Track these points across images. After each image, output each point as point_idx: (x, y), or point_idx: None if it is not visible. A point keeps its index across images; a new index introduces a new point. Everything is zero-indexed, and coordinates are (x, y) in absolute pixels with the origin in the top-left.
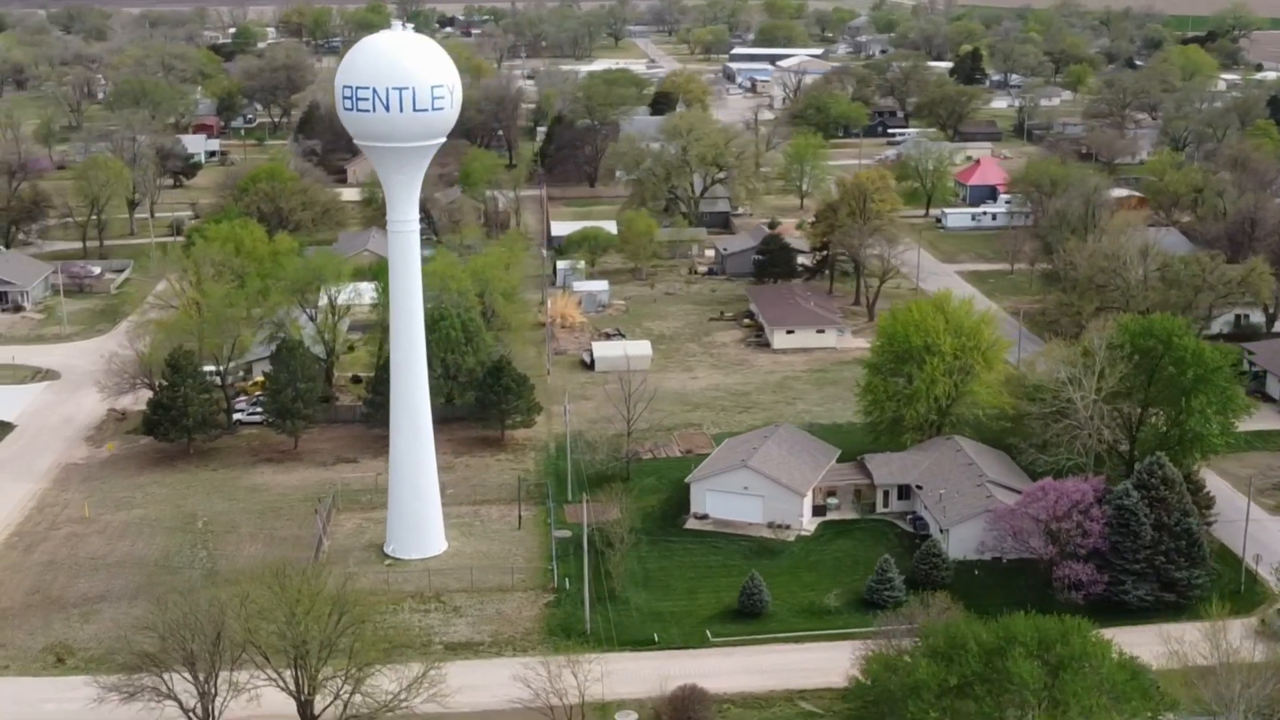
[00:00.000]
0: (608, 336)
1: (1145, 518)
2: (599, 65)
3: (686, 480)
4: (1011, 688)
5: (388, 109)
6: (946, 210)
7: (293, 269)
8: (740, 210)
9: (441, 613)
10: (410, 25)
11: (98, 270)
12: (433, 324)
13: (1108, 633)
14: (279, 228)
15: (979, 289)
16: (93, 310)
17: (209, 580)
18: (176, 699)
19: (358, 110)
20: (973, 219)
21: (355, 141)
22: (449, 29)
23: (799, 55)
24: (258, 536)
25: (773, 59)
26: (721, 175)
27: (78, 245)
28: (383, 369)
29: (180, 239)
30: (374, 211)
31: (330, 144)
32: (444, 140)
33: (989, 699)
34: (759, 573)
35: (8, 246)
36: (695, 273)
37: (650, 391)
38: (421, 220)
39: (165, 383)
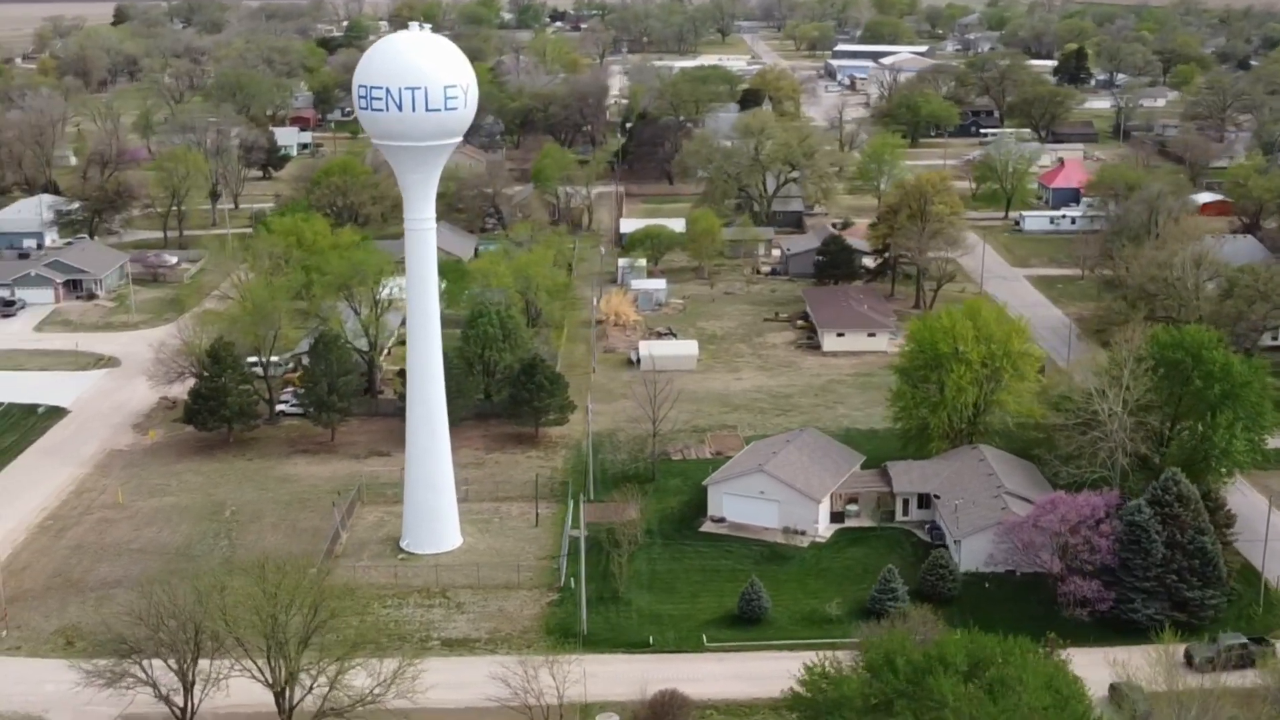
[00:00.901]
0: (659, 335)
1: (1157, 535)
2: (701, 61)
3: (704, 483)
4: (933, 706)
5: (400, 108)
6: (1025, 213)
7: (336, 263)
8: (816, 210)
9: (444, 608)
10: (429, 26)
11: (174, 260)
12: (471, 320)
13: (1113, 652)
14: (349, 221)
15: (1046, 295)
16: (163, 299)
17: (227, 570)
18: (155, 685)
19: (372, 109)
20: (1051, 222)
21: (372, 141)
22: (559, 23)
23: (902, 52)
24: (280, 527)
25: (875, 56)
26: (794, 174)
27: (159, 235)
28: None
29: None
30: (443, 207)
31: None
32: (459, 140)
33: (911, 717)
34: (768, 578)
35: (91, 235)
36: (759, 272)
37: (675, 392)
38: (492, 216)
39: (204, 373)
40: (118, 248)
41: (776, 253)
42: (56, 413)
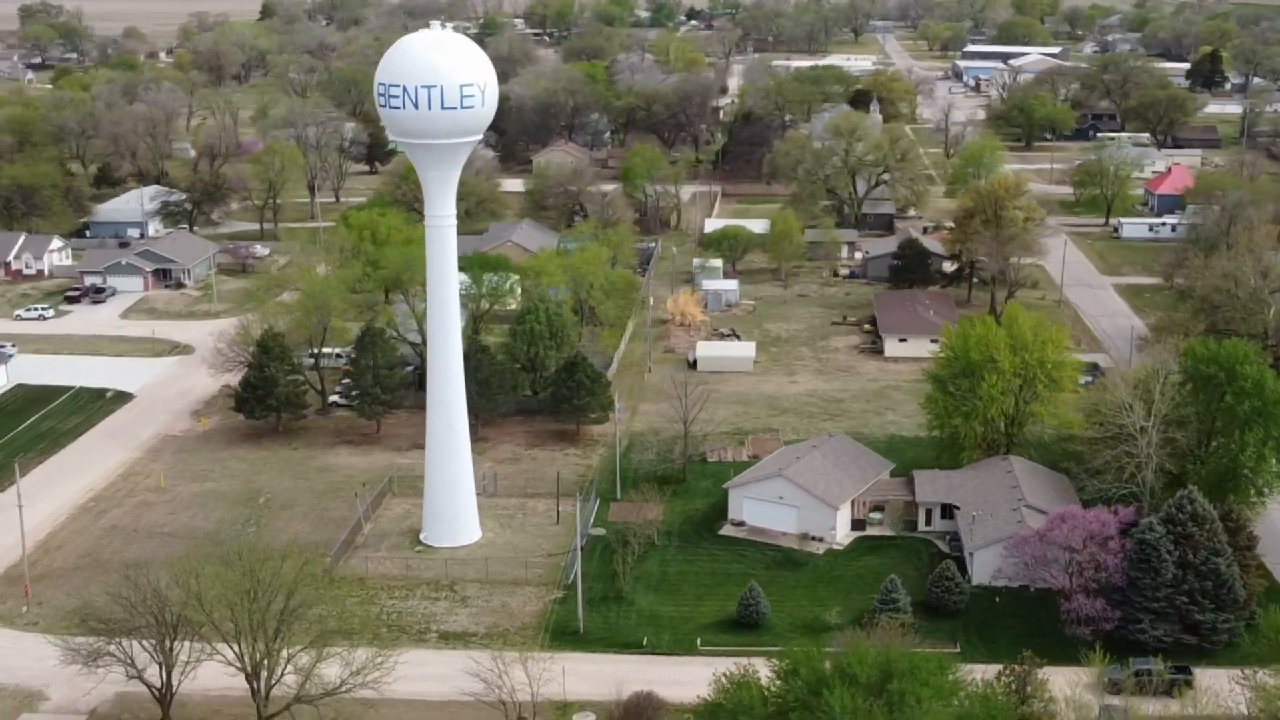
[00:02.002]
0: (722, 336)
1: (1168, 554)
2: (828, 61)
3: (724, 486)
4: (824, 718)
5: (416, 106)
6: (1124, 220)
7: (391, 257)
8: (910, 213)
9: (449, 601)
10: (449, 25)
11: (265, 251)
12: (520, 318)
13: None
14: None
15: (1131, 304)
16: (247, 290)
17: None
18: (132, 664)
19: (390, 107)
20: (1150, 230)
21: (392, 137)
22: (694, 22)
23: (1031, 54)
24: (309, 515)
25: (1004, 57)
26: (886, 177)
27: (257, 227)
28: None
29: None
30: (529, 203)
31: (518, 135)
32: (478, 139)
33: None
34: (778, 584)
35: (191, 226)
36: (837, 275)
37: (706, 393)
38: (579, 214)
39: (253, 363)
40: (213, 239)
41: (859, 256)
42: (122, 398)
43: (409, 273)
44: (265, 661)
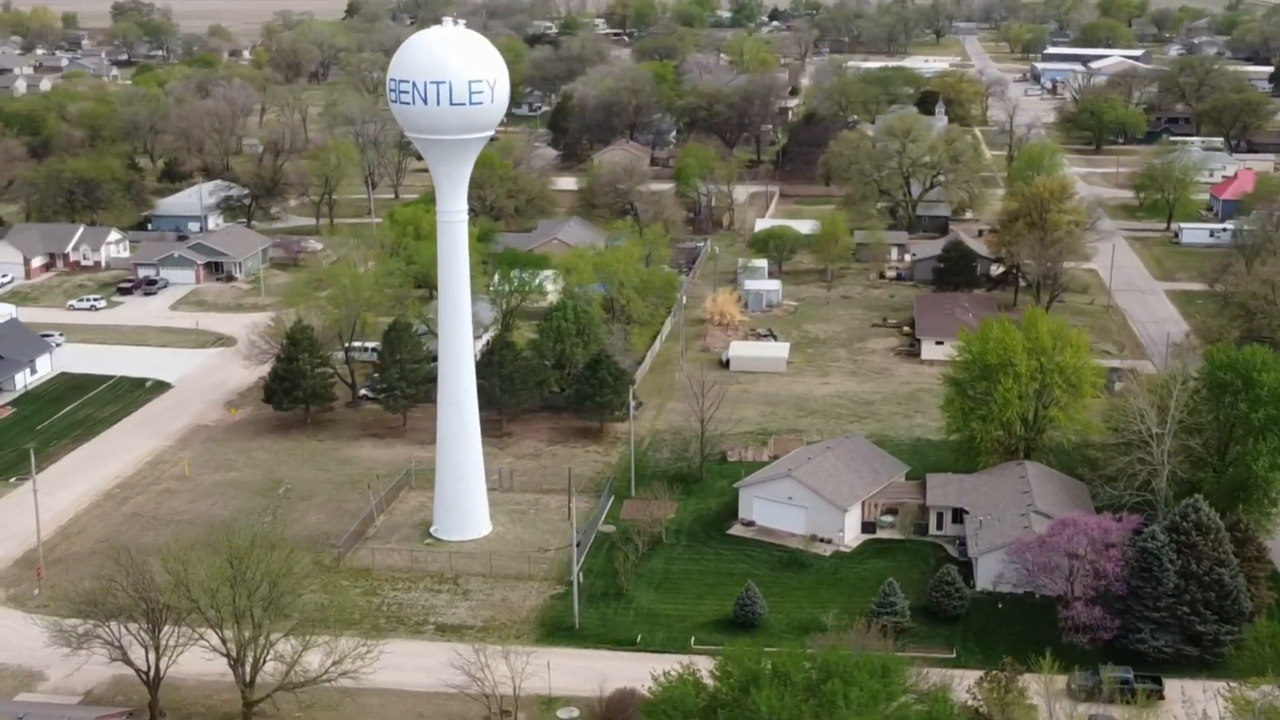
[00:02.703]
0: (759, 336)
1: (1170, 564)
2: (905, 62)
3: (734, 486)
4: (749, 717)
5: (425, 102)
6: (1184, 225)
7: (424, 253)
8: (967, 216)
9: (450, 594)
10: (461, 21)
11: (318, 246)
12: (548, 314)
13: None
14: (485, 214)
15: (1182, 310)
16: (297, 284)
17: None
18: (118, 646)
19: (400, 103)
20: (1211, 235)
21: (405, 133)
22: (775, 22)
23: (1113, 56)
24: (326, 506)
25: (1085, 60)
26: (941, 179)
27: (313, 221)
28: (488, 353)
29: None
30: (581, 202)
31: (580, 133)
32: (490, 135)
33: None
34: (781, 585)
35: (249, 220)
36: (883, 277)
37: (722, 392)
38: (628, 212)
39: (282, 355)
40: (269, 233)
41: (908, 258)
42: (161, 387)
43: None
44: (248, 648)
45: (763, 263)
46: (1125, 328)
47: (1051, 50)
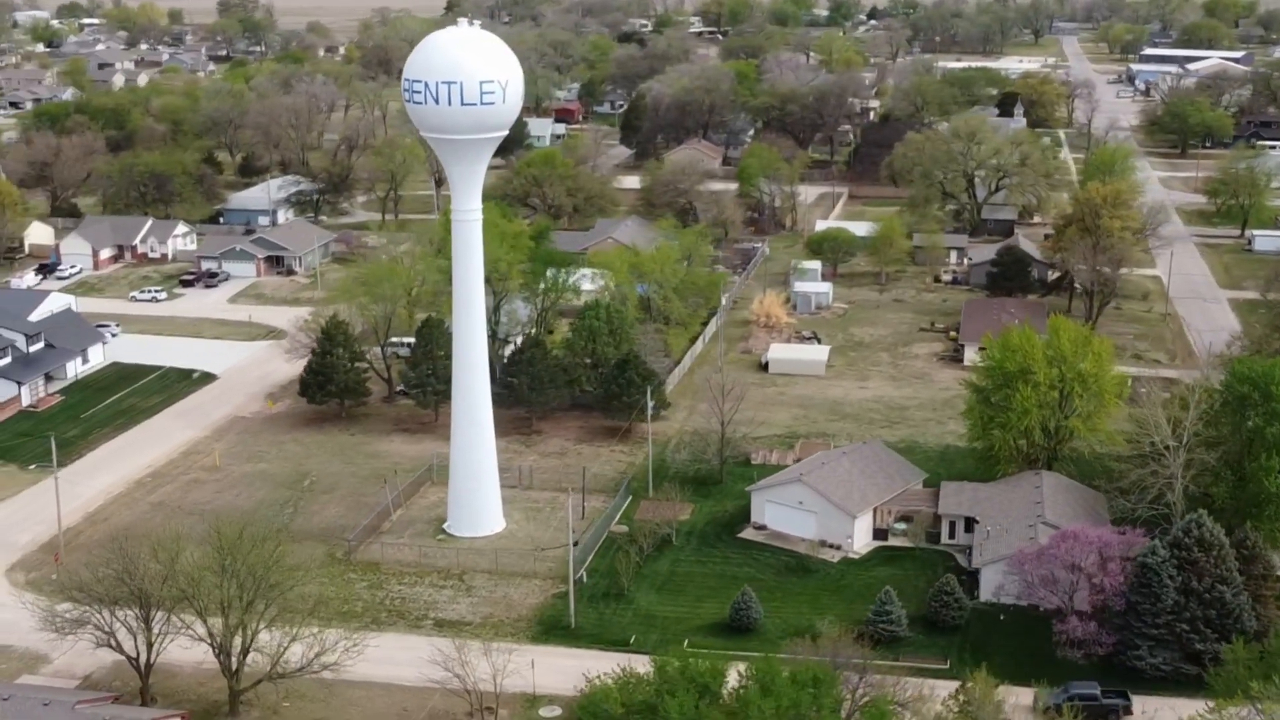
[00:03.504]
0: (803, 339)
1: (1170, 580)
2: (1001, 63)
3: (747, 489)
4: None
5: (437, 102)
6: (1258, 232)
7: None
8: (1036, 220)
9: (454, 590)
10: (477, 22)
11: (381, 241)
12: (581, 314)
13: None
14: (545, 212)
15: (1242, 319)
16: (345, 279)
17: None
18: (108, 633)
19: (413, 102)
20: None
21: (420, 133)
22: (873, 21)
23: (1212, 57)
24: (347, 499)
25: (1183, 61)
26: (1007, 181)
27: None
28: (518, 351)
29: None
30: (641, 201)
31: (653, 132)
32: (503, 134)
33: None
34: (783, 590)
35: (317, 215)
36: (939, 281)
37: (742, 393)
38: (688, 212)
39: (317, 350)
40: (333, 228)
41: (967, 262)
42: (207, 379)
43: None
44: (233, 639)
45: (815, 264)
46: (1181, 336)
47: (1149, 51)
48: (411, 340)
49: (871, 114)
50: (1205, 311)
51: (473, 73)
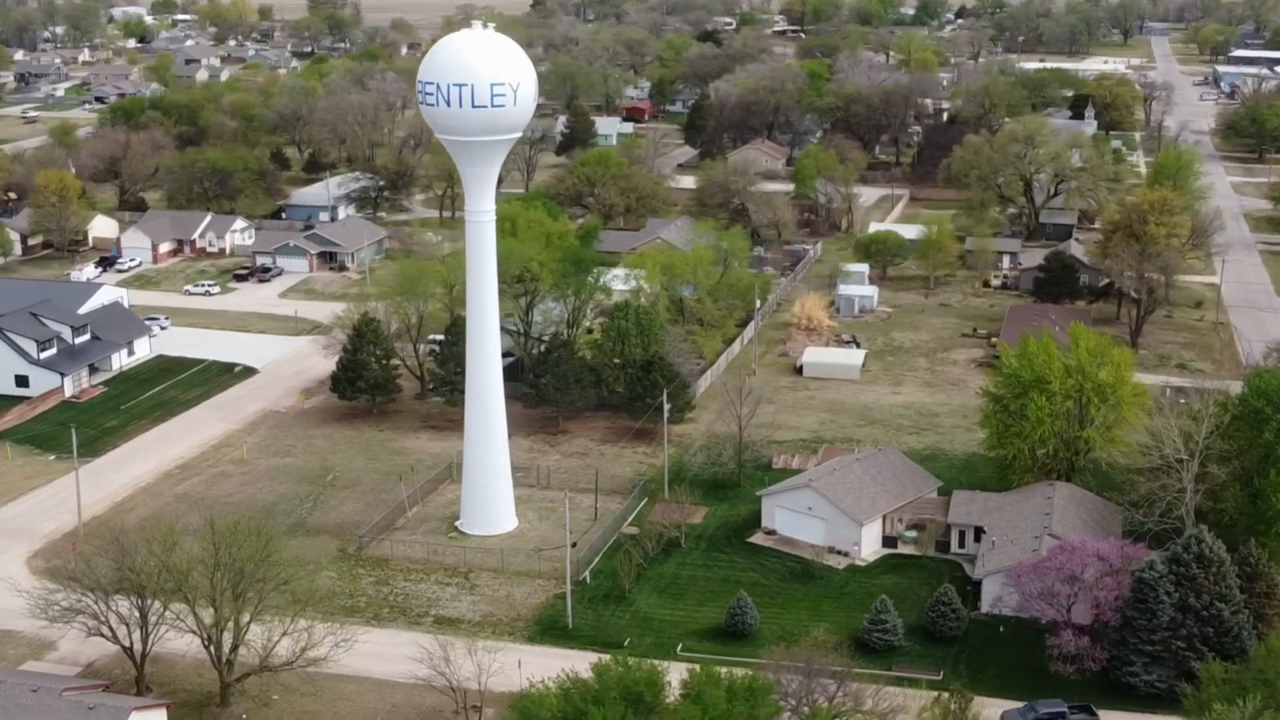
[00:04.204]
0: (842, 342)
1: (1167, 596)
2: (1084, 64)
3: (758, 493)
4: None
5: (448, 104)
6: None
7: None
8: (1097, 224)
9: (457, 588)
10: (492, 25)
11: (437, 239)
12: (611, 315)
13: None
14: (597, 211)
15: None
16: (393, 275)
17: (293, 530)
18: (101, 620)
19: (426, 104)
20: None
21: (435, 134)
22: (960, 20)
23: None
24: (366, 495)
25: (1272, 63)
26: (1066, 185)
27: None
28: (544, 352)
29: None
30: (695, 201)
31: (718, 131)
32: (516, 137)
33: None
34: (785, 596)
35: (376, 211)
36: (988, 285)
37: (759, 396)
38: (740, 213)
39: (348, 346)
40: (392, 225)
41: (1018, 267)
42: (248, 373)
43: (505, 265)
44: (223, 630)
45: (861, 267)
46: (1230, 346)
47: (1238, 53)
48: (440, 337)
49: (944, 115)
50: (1259, 321)
51: (484, 75)
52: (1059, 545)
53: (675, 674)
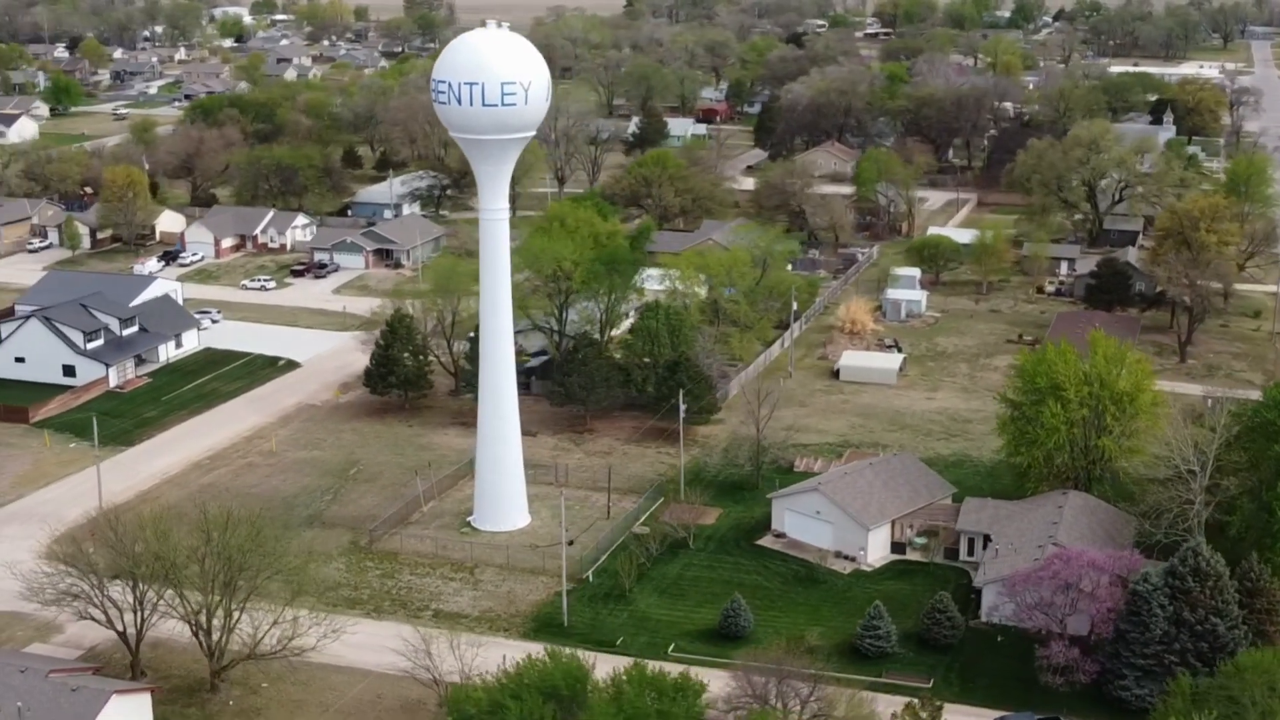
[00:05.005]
0: (884, 347)
1: (1160, 609)
2: (1182, 69)
3: (768, 496)
4: None
5: (460, 102)
6: None
7: (532, 247)
8: None
9: (461, 583)
10: (506, 24)
11: None
12: (642, 315)
13: None
14: (653, 212)
15: None
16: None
17: (309, 521)
18: (94, 602)
19: (439, 102)
20: None
21: (450, 132)
22: (1057, 23)
23: None
24: (386, 489)
25: None
26: (1130, 191)
27: None
28: (571, 351)
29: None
30: (752, 203)
31: (789, 133)
32: (530, 135)
33: None
34: (785, 599)
35: (438, 210)
36: (1041, 292)
37: (776, 399)
38: (798, 216)
39: (381, 342)
40: (451, 223)
41: (1074, 273)
42: (290, 366)
43: (536, 263)
44: (211, 618)
45: (912, 271)
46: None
47: None
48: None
49: (1025, 119)
50: None
51: (494, 74)
52: (1055, 554)
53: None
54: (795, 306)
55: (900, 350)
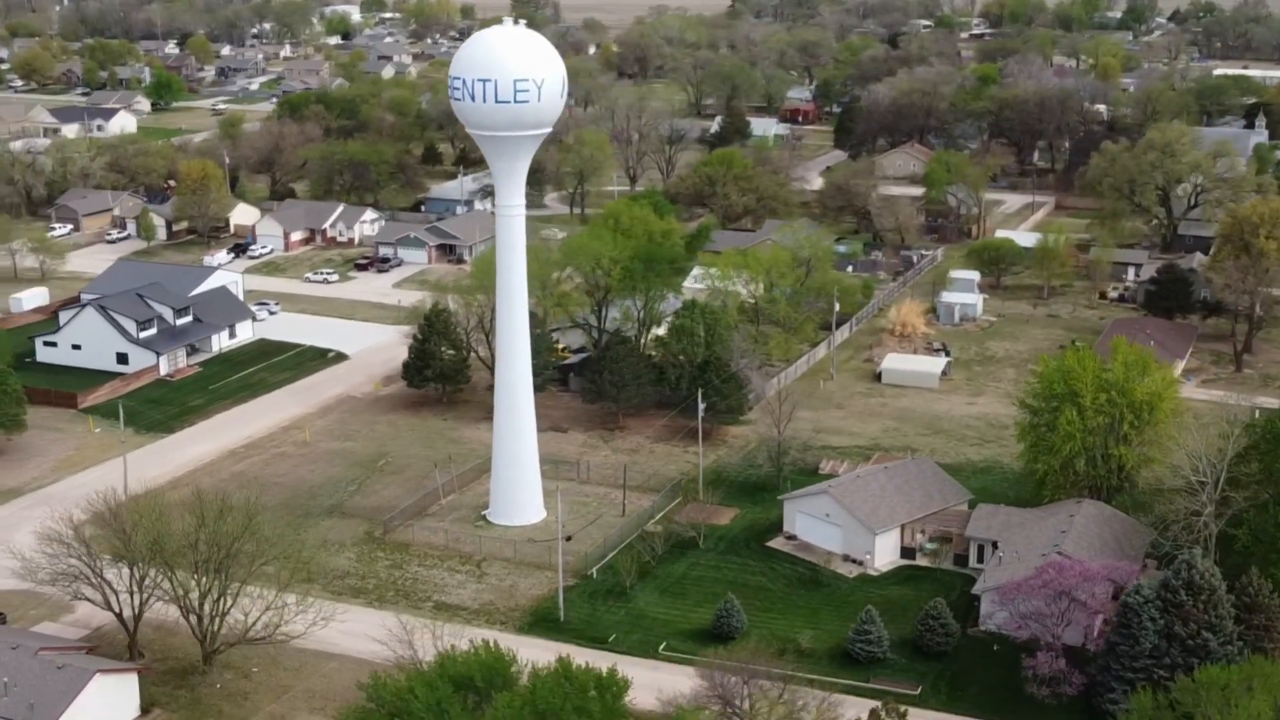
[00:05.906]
0: (933, 350)
1: (1151, 622)
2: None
3: (779, 498)
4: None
5: (473, 99)
6: None
7: (572, 245)
8: None
9: (466, 575)
10: (523, 21)
11: (561, 234)
12: (679, 315)
13: None
14: (717, 212)
15: None
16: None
17: (330, 511)
18: (95, 586)
19: (454, 99)
20: None
21: (466, 129)
22: (1170, 25)
23: None
24: (410, 482)
25: None
26: (1205, 196)
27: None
28: (605, 348)
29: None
30: (818, 204)
31: (866, 134)
32: (545, 132)
33: None
34: (786, 601)
35: None
36: (1104, 297)
37: (795, 403)
38: (863, 217)
39: (418, 336)
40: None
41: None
42: (339, 358)
43: (574, 260)
44: (202, 602)
45: (970, 274)
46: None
47: None
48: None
49: (1110, 122)
50: None
51: (507, 71)
52: (1049, 563)
53: (646, 672)
54: (837, 308)
55: (948, 354)
